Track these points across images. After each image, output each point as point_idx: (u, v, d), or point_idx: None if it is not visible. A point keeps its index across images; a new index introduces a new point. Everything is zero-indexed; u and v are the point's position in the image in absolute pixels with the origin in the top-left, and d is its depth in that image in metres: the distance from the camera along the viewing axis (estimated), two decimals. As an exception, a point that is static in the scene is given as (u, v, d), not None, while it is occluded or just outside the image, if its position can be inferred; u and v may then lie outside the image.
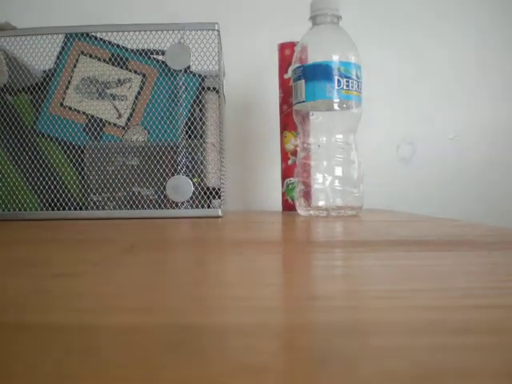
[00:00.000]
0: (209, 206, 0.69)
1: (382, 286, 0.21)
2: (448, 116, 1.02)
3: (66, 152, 0.70)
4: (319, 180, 0.68)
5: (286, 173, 0.80)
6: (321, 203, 0.68)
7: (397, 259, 0.28)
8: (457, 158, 1.02)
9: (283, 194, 0.82)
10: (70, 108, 0.69)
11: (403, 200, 1.00)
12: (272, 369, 0.12)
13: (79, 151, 0.70)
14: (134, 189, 0.69)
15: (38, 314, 0.17)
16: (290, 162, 0.80)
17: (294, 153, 0.79)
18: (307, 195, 0.69)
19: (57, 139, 0.69)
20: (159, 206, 0.69)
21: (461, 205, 1.00)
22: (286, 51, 0.80)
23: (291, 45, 0.79)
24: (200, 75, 0.70)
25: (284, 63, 0.81)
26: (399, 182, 1.01)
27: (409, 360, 0.12)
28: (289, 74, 0.80)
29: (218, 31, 0.69)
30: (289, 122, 0.79)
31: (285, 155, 0.81)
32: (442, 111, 1.02)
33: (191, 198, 0.68)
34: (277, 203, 0.88)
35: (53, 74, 0.70)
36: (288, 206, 0.81)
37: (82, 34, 0.70)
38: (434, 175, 1.01)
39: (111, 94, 0.70)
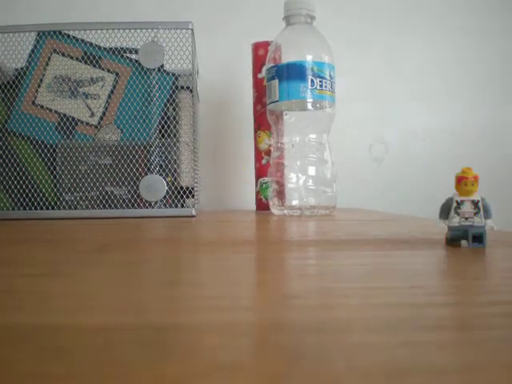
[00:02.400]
0: (182, 206, 0.69)
1: (354, 284, 0.21)
2: (420, 116, 1.03)
3: (37, 151, 0.69)
4: (293, 179, 0.68)
5: (260, 172, 0.81)
6: (294, 202, 0.68)
7: (368, 258, 0.28)
8: (429, 157, 1.03)
9: (257, 194, 0.82)
10: (42, 106, 0.69)
11: (377, 199, 1.01)
12: (245, 367, 0.12)
13: (51, 150, 0.69)
14: (106, 188, 0.68)
15: (6, 314, 0.17)
16: (263, 161, 0.80)
17: (268, 152, 0.79)
18: (281, 195, 0.69)
19: (28, 138, 0.69)
20: (132, 205, 0.69)
21: (433, 204, 1.02)
22: (260, 51, 0.80)
23: (265, 44, 0.80)
24: (173, 74, 0.69)
25: (258, 63, 0.81)
26: (373, 181, 1.02)
27: (381, 357, 0.12)
28: (263, 74, 0.80)
29: (192, 30, 0.69)
30: (263, 121, 0.79)
31: (258, 155, 0.81)
32: (415, 111, 1.03)
33: (164, 197, 0.68)
34: (251, 203, 0.88)
35: (25, 73, 0.69)
36: (262, 206, 0.81)
37: (54, 32, 0.69)
38: (406, 174, 1.02)
39: (84, 93, 0.69)
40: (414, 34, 1.03)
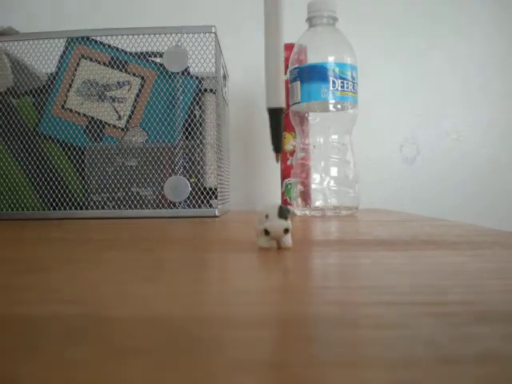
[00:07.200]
0: (208, 206, 0.70)
1: (309, 282, 0.22)
2: (451, 116, 1.02)
3: (67, 153, 0.71)
4: (317, 180, 0.68)
5: (286, 173, 0.81)
6: (318, 203, 0.68)
7: (349, 258, 0.29)
8: (461, 157, 1.01)
9: (282, 195, 0.82)
10: (72, 110, 0.71)
11: (408, 200, 1.00)
12: (150, 352, 0.13)
13: (80, 152, 0.71)
14: (132, 189, 0.70)
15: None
16: (288, 162, 0.81)
17: (293, 153, 0.80)
18: (305, 195, 0.69)
19: (58, 140, 0.71)
20: (157, 205, 0.70)
21: (466, 204, 1.00)
22: (285, 53, 0.81)
23: (290, 46, 0.80)
24: (197, 77, 0.71)
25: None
26: (404, 181, 1.01)
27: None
28: (287, 76, 0.80)
29: (215, 34, 0.70)
30: (287, 123, 0.80)
31: (284, 156, 0.82)
32: (446, 111, 1.02)
33: (188, 197, 0.70)
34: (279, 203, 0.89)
35: (54, 78, 0.71)
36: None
37: (82, 38, 0.71)
38: (438, 175, 1.01)
39: (111, 97, 0.71)
40: (444, 32, 1.02)
